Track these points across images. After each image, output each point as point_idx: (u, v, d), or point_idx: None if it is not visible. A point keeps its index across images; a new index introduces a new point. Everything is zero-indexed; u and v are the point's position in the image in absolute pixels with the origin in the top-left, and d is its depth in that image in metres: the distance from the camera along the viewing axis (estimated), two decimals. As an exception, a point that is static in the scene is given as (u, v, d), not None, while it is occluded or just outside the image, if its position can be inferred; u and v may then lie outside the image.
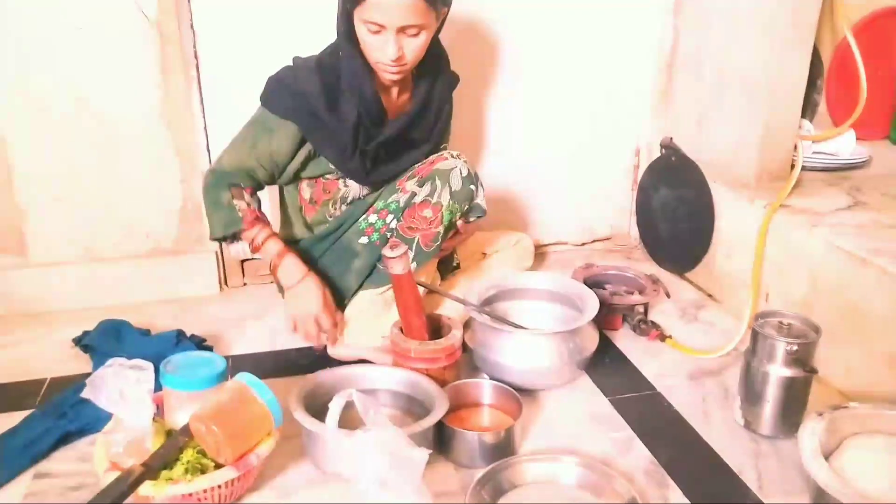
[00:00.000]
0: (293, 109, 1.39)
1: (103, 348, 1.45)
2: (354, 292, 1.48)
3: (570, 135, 1.97)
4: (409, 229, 1.43)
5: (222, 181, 1.41)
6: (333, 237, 1.47)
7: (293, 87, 1.39)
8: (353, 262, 1.45)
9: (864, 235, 1.41)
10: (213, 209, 1.41)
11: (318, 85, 1.38)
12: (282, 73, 1.43)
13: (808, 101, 1.94)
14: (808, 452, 1.00)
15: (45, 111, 1.58)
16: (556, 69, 1.89)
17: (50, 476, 1.17)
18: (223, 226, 1.41)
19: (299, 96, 1.39)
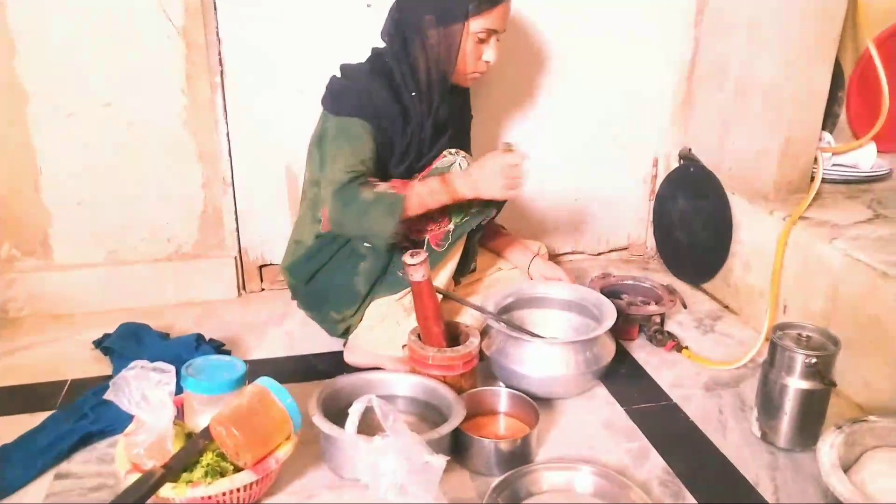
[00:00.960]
0: (360, 107, 1.38)
1: (123, 351, 1.47)
2: (366, 298, 1.47)
3: (588, 144, 1.97)
4: (419, 232, 1.43)
5: (349, 188, 1.33)
6: (341, 241, 1.45)
7: (355, 88, 1.41)
8: (359, 264, 1.44)
9: (885, 249, 1.40)
10: (367, 213, 1.32)
11: (379, 83, 1.41)
12: (340, 80, 1.45)
13: (828, 113, 1.93)
14: (827, 465, 0.99)
15: (72, 117, 1.61)
16: (576, 78, 1.90)
17: (71, 477, 1.18)
18: (388, 214, 1.31)
19: (364, 94, 1.40)
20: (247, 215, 1.80)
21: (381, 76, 1.42)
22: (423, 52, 1.40)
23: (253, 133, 1.73)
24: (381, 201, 1.33)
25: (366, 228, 1.34)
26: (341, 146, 1.37)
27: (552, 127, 1.93)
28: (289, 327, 1.68)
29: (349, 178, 1.33)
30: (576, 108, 1.93)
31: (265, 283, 1.87)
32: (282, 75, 1.70)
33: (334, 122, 1.39)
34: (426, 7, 1.37)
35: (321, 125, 1.45)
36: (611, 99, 1.94)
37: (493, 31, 1.40)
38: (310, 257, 1.50)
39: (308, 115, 1.72)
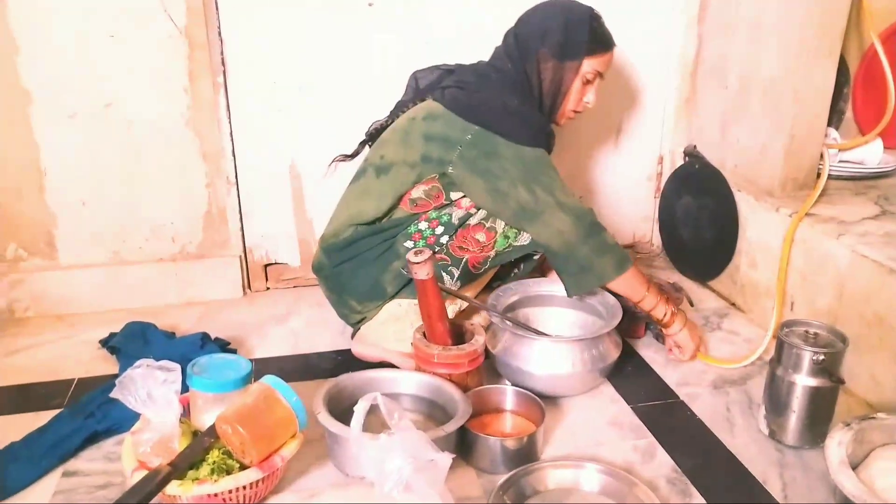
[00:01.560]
0: (542, 143, 1.42)
1: (129, 350, 1.47)
2: (391, 297, 1.45)
3: (593, 142, 1.97)
4: (460, 249, 1.43)
5: (596, 223, 1.39)
6: (387, 234, 1.44)
7: (531, 118, 1.43)
8: (393, 262, 1.43)
9: (892, 245, 1.39)
10: (599, 254, 1.38)
11: (533, 112, 1.45)
12: (507, 104, 1.41)
13: (834, 109, 1.92)
14: (836, 463, 0.99)
15: (76, 117, 1.61)
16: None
17: (78, 475, 1.18)
18: (617, 267, 1.39)
19: (540, 127, 1.44)
20: (251, 214, 1.80)
21: (532, 104, 1.45)
22: (539, 83, 1.44)
23: (256, 132, 1.73)
24: (616, 252, 1.41)
25: (594, 265, 1.39)
26: (552, 175, 1.39)
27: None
28: (294, 326, 1.67)
29: (587, 208, 1.40)
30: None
31: (270, 282, 1.87)
32: (284, 74, 1.70)
33: (526, 151, 1.37)
34: (546, 41, 1.41)
35: (477, 145, 1.37)
36: (616, 96, 1.93)
37: (599, 73, 1.46)
38: (350, 243, 1.46)
39: (311, 114, 1.74)
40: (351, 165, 1.56)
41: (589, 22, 1.42)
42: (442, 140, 1.39)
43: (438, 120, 1.40)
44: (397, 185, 1.42)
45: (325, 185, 1.64)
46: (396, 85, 1.57)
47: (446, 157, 1.38)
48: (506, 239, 1.43)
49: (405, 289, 1.44)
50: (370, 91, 1.71)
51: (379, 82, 1.69)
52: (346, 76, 1.73)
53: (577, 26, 1.41)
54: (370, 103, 1.62)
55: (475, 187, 1.39)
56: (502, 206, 1.39)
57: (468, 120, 1.38)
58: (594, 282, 1.41)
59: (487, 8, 1.73)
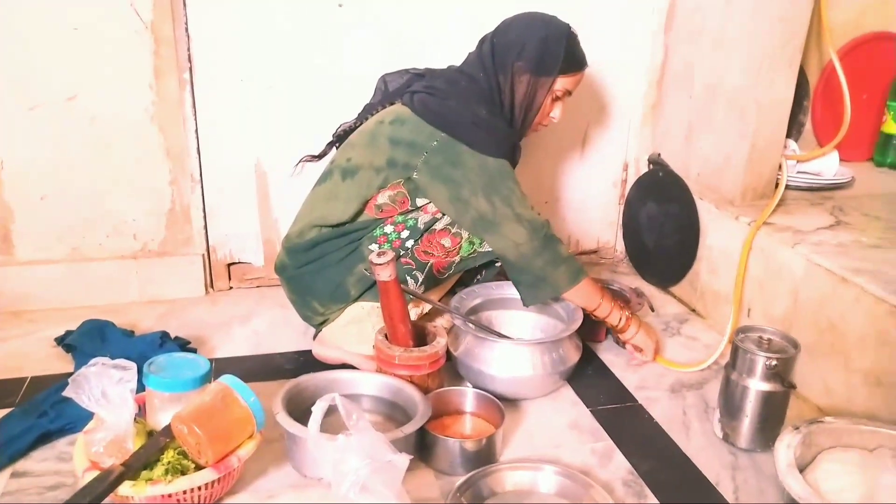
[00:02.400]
0: (505, 154, 1.42)
1: (86, 348, 1.45)
2: (355, 300, 1.45)
3: (559, 148, 1.98)
4: (425, 254, 1.43)
5: (551, 235, 1.40)
6: (352, 237, 1.44)
7: (495, 127, 1.42)
8: (357, 265, 1.43)
9: (845, 254, 1.43)
10: (553, 266, 1.40)
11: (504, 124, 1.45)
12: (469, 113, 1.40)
13: (794, 121, 1.97)
14: (784, 465, 1.01)
15: (36, 110, 1.58)
16: (547, 83, 1.91)
17: (28, 475, 1.16)
18: (571, 279, 1.41)
19: (504, 138, 1.43)
20: (215, 213, 1.78)
21: (500, 114, 1.45)
22: (511, 96, 1.44)
23: (222, 130, 1.72)
24: (571, 264, 1.42)
25: (545, 275, 1.41)
26: (511, 186, 1.39)
27: (524, 130, 1.94)
28: (256, 326, 1.66)
29: (542, 220, 1.41)
30: (547, 111, 1.94)
31: (233, 281, 1.85)
32: (252, 72, 1.69)
33: (490, 162, 1.37)
34: (523, 54, 1.41)
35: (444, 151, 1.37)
36: (582, 103, 1.95)
37: (568, 92, 1.48)
38: (314, 244, 1.45)
39: (277, 113, 1.73)
40: (317, 166, 1.56)
41: (567, 40, 1.43)
42: (408, 145, 1.39)
43: (406, 125, 1.40)
44: (363, 190, 1.42)
45: (291, 185, 1.63)
46: (365, 87, 1.57)
47: (412, 163, 1.38)
48: (471, 245, 1.44)
49: (368, 291, 1.44)
50: (338, 92, 1.70)
51: (347, 83, 1.69)
52: (315, 76, 1.72)
53: (555, 43, 1.41)
54: (338, 104, 1.61)
55: (438, 194, 1.39)
56: (463, 215, 1.39)
57: (436, 126, 1.38)
58: (549, 293, 1.43)
59: (457, 13, 1.74)
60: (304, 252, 1.46)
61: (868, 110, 2.10)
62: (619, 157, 2.05)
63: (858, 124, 1.99)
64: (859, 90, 2.02)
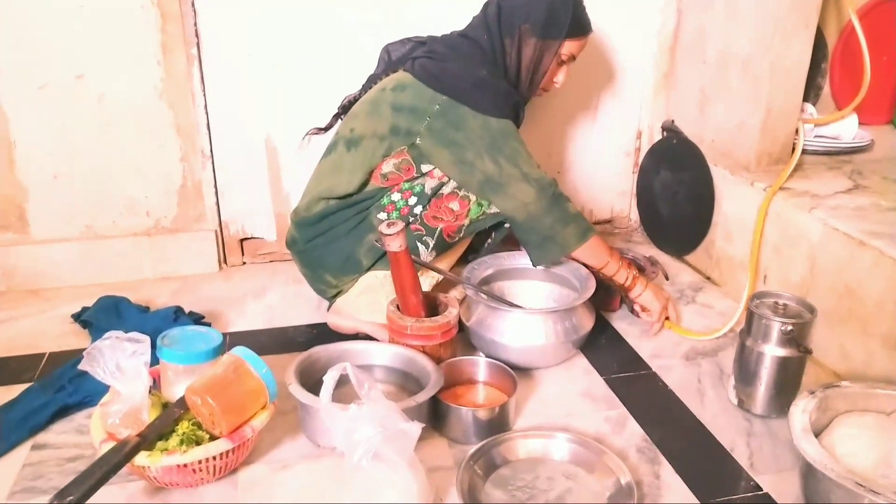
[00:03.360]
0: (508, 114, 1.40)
1: (102, 324, 1.46)
2: (367, 270, 1.45)
3: (571, 117, 1.96)
4: (434, 219, 1.43)
5: (559, 194, 1.40)
6: (359, 207, 1.44)
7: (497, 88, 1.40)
8: (367, 235, 1.42)
9: (863, 218, 1.41)
10: (562, 224, 1.40)
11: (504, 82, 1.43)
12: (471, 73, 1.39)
13: (811, 84, 1.93)
14: (798, 429, 1.00)
15: (46, 89, 1.59)
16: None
17: (48, 447, 1.18)
18: (579, 236, 1.41)
19: (507, 98, 1.41)
20: (227, 188, 1.78)
21: (502, 75, 1.43)
22: (518, 59, 1.44)
23: (231, 105, 1.71)
24: (579, 222, 1.42)
25: (553, 234, 1.41)
26: (515, 146, 1.38)
27: (533, 101, 1.90)
28: (269, 300, 1.67)
29: (550, 178, 1.40)
30: (558, 79, 1.91)
31: (246, 256, 1.86)
32: (259, 46, 1.68)
33: (491, 122, 1.36)
34: (530, 17, 1.41)
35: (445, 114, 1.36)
36: (594, 71, 1.93)
37: (573, 56, 1.48)
38: (323, 217, 1.46)
39: (286, 86, 1.72)
40: (326, 138, 1.55)
41: (574, 4, 1.43)
42: (410, 110, 1.38)
43: (407, 90, 1.40)
44: (367, 159, 1.41)
45: (302, 159, 1.63)
46: (371, 58, 1.56)
47: (414, 128, 1.37)
48: (480, 207, 1.43)
49: (381, 260, 1.44)
50: (346, 63, 1.69)
51: (354, 55, 1.67)
52: (322, 48, 1.70)
53: (562, 7, 1.41)
54: (346, 76, 1.60)
55: (443, 158, 1.38)
56: (469, 177, 1.39)
57: (437, 90, 1.37)
58: (558, 251, 1.42)
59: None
60: (312, 225, 1.46)
61: (888, 72, 2.05)
62: (633, 126, 2.02)
63: (878, 87, 1.94)
64: (879, 52, 1.96)
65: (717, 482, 1.12)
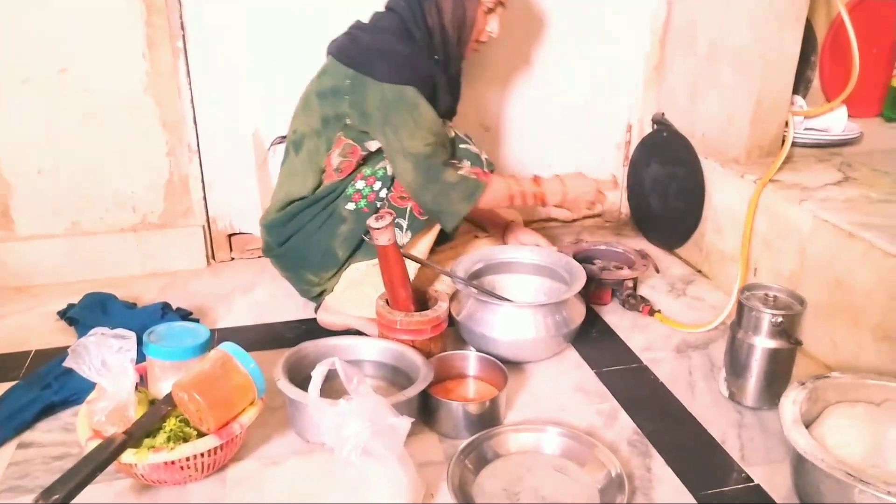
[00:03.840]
0: (409, 76, 1.36)
1: (89, 321, 1.44)
2: (345, 262, 1.46)
3: (562, 111, 1.95)
4: (401, 199, 1.42)
5: (434, 165, 1.37)
6: (325, 202, 1.44)
7: (397, 53, 1.37)
8: (339, 227, 1.43)
9: (852, 210, 1.41)
10: (444, 196, 1.38)
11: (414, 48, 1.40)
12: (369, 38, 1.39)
13: (801, 77, 1.93)
14: (789, 420, 1.00)
15: (29, 83, 1.56)
16: (548, 45, 1.87)
17: (33, 446, 1.17)
18: (466, 199, 1.38)
19: (408, 61, 1.38)
20: (214, 183, 1.76)
21: (409, 40, 1.40)
22: (439, 17, 1.40)
23: (218, 98, 1.69)
24: (462, 185, 1.38)
25: (443, 207, 1.39)
26: (404, 117, 1.35)
27: (525, 93, 1.91)
28: (258, 296, 1.66)
29: (429, 150, 1.37)
30: (549, 75, 1.90)
31: (235, 252, 1.84)
32: (246, 39, 1.67)
33: (386, 89, 1.35)
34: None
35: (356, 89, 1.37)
36: (584, 64, 1.92)
37: (500, 2, 1.44)
38: (291, 217, 1.47)
39: (274, 79, 1.70)
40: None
41: None
42: (332, 92, 1.40)
43: (327, 73, 1.42)
44: (313, 159, 1.44)
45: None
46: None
47: (340, 110, 1.39)
48: None
49: (359, 251, 1.44)
50: (334, 57, 1.67)
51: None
52: (309, 41, 1.68)
53: None
54: (333, 69, 1.59)
55: (371, 132, 1.39)
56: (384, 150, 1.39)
57: (346, 65, 1.38)
58: (452, 220, 1.41)
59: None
60: (282, 227, 1.47)
61: (877, 65, 2.05)
62: (623, 119, 2.01)
63: (867, 79, 1.94)
64: (868, 45, 1.96)
65: (709, 474, 1.12)
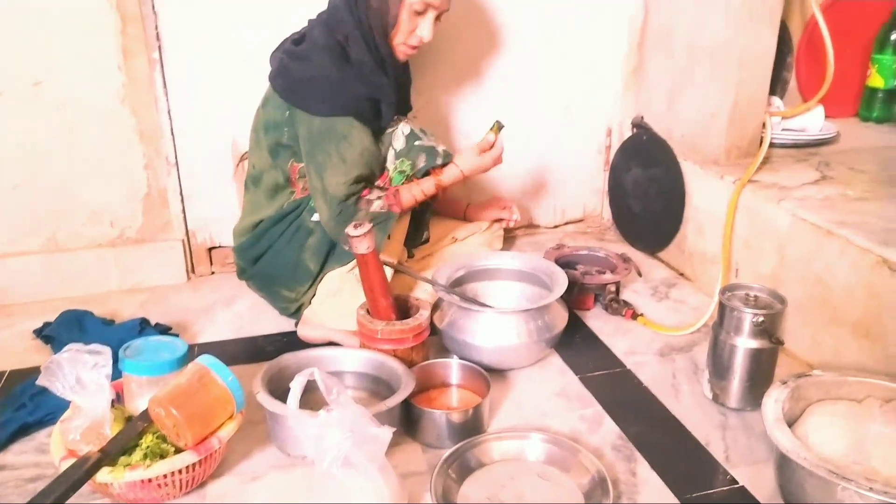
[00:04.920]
0: (338, 105, 1.35)
1: (65, 338, 1.42)
2: (318, 275, 1.45)
3: (541, 117, 1.95)
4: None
5: (347, 208, 1.37)
6: (290, 217, 1.45)
7: (325, 80, 1.35)
8: (307, 239, 1.43)
9: (830, 208, 1.41)
10: None
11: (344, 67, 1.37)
12: (299, 67, 1.37)
13: (778, 78, 1.94)
14: (771, 419, 1.00)
15: (2, 95, 1.54)
16: (527, 50, 1.88)
17: (6, 468, 1.14)
18: (380, 232, 1.36)
19: (337, 89, 1.36)
20: (193, 196, 1.75)
21: (338, 54, 1.37)
22: (367, 14, 1.37)
23: (195, 110, 1.68)
24: (375, 220, 1.36)
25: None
26: (329, 151, 1.35)
27: (503, 99, 1.91)
28: (238, 309, 1.64)
29: (346, 192, 1.36)
30: (527, 79, 1.91)
31: (215, 265, 1.82)
32: (223, 48, 1.65)
33: (315, 123, 1.35)
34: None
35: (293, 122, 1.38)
36: (562, 69, 1.92)
37: (429, 4, 1.38)
38: (258, 238, 1.49)
39: (252, 88, 1.67)
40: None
41: None
42: (273, 126, 1.42)
43: (269, 104, 1.44)
44: (274, 191, 1.47)
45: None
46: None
47: (283, 140, 1.41)
48: (401, 174, 1.44)
49: (330, 260, 1.45)
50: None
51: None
52: (286, 51, 1.68)
53: None
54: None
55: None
56: None
57: (282, 97, 1.39)
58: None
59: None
60: (252, 247, 1.49)
61: (853, 65, 2.07)
62: (603, 123, 2.02)
63: (844, 79, 1.96)
64: (843, 45, 1.98)
65: (694, 477, 1.11)
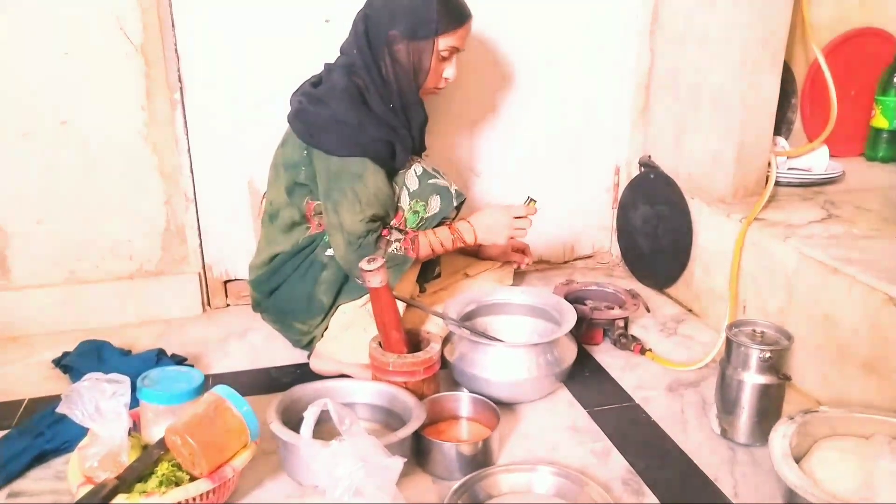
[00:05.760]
0: (355, 146, 1.37)
1: (83, 368, 1.44)
2: (330, 308, 1.48)
3: (550, 155, 1.99)
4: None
5: (365, 244, 1.37)
6: (305, 252, 1.49)
7: (344, 123, 1.37)
8: (320, 274, 1.46)
9: (837, 246, 1.43)
10: None
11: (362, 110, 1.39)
12: (317, 108, 1.39)
13: (783, 118, 1.99)
14: (779, 455, 1.01)
15: (30, 134, 1.60)
16: (536, 90, 1.93)
17: (24, 495, 1.16)
18: (396, 274, 1.39)
19: (355, 131, 1.37)
20: (210, 231, 1.79)
21: (357, 98, 1.39)
22: (393, 66, 1.40)
23: (214, 148, 1.73)
24: (391, 262, 1.39)
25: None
26: (345, 190, 1.37)
27: (514, 139, 1.95)
28: (253, 341, 1.66)
29: (364, 230, 1.38)
30: (537, 119, 1.95)
31: (230, 298, 1.86)
32: (241, 90, 1.71)
33: (332, 162, 1.37)
34: (395, 22, 1.37)
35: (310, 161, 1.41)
36: (571, 110, 1.97)
37: (455, 48, 1.43)
38: (274, 271, 1.52)
39: (268, 129, 1.73)
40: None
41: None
42: (292, 165, 1.45)
43: (288, 143, 1.47)
44: (290, 227, 1.49)
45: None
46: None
47: (300, 179, 1.44)
48: (415, 214, 1.46)
49: (342, 294, 1.48)
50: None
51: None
52: (304, 92, 1.74)
53: (426, 4, 1.35)
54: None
55: None
56: None
57: (300, 137, 1.42)
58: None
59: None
60: (266, 281, 1.53)
61: (858, 105, 2.10)
62: (611, 162, 2.06)
63: (849, 119, 2.00)
64: (847, 86, 2.03)
65: (702, 512, 1.12)
